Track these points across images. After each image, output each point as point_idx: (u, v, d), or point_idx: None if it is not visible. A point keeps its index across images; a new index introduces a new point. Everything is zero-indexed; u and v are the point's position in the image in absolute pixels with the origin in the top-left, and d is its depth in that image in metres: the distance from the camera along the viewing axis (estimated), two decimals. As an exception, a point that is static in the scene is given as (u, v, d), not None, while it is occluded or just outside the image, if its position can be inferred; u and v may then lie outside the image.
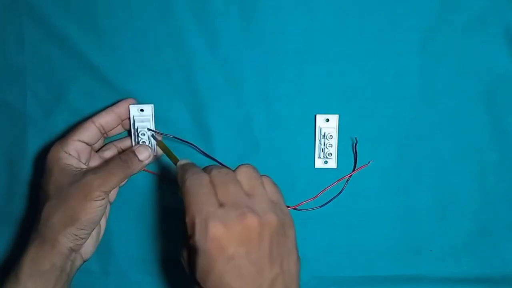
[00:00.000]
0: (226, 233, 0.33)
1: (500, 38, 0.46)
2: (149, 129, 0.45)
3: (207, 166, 0.38)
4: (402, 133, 0.48)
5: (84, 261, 0.44)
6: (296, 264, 0.36)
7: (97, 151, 0.46)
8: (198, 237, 0.33)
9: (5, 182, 0.50)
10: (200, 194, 0.34)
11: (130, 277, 0.50)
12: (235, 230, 0.33)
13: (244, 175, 0.37)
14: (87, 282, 0.49)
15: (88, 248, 0.44)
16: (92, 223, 0.42)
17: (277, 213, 0.35)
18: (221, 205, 0.34)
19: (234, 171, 0.37)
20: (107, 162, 0.43)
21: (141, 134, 0.45)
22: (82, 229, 0.41)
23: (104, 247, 0.47)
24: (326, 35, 0.47)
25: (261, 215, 0.34)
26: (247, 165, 0.37)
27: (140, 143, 0.45)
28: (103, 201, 0.42)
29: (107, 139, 0.47)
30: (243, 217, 0.33)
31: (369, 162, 0.47)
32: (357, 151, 0.47)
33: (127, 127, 0.47)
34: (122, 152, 0.47)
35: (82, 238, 0.42)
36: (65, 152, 0.42)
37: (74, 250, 0.42)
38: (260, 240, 0.33)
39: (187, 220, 0.34)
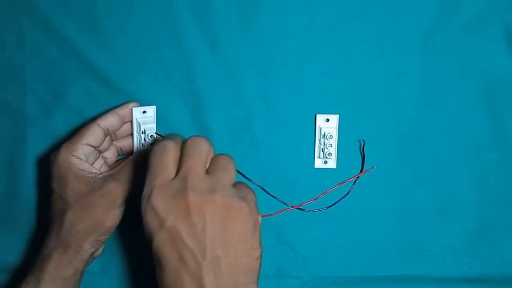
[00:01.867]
0: (165, 205, 0.33)
1: (500, 38, 0.46)
2: (156, 133, 0.45)
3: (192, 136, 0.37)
4: (402, 133, 0.48)
5: (94, 259, 0.46)
6: (250, 254, 0.34)
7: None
8: (143, 205, 0.34)
9: (5, 182, 0.50)
10: (160, 162, 0.35)
11: (130, 278, 0.50)
12: (173, 204, 0.33)
13: (216, 158, 0.36)
14: (87, 282, 0.48)
15: (101, 248, 0.46)
16: (114, 227, 0.44)
17: (229, 196, 0.34)
18: (176, 172, 0.34)
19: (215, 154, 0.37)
20: (123, 167, 0.43)
21: (149, 136, 0.45)
22: (105, 235, 0.43)
23: (105, 247, 0.47)
24: (326, 35, 0.47)
25: (204, 193, 0.33)
26: (227, 156, 0.37)
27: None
28: (124, 206, 0.43)
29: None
30: (181, 192, 0.33)
31: (372, 168, 0.47)
32: (364, 153, 0.47)
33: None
34: (122, 151, 0.47)
35: (103, 242, 0.44)
36: (75, 157, 0.42)
37: (93, 253, 0.44)
38: (198, 217, 0.32)
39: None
